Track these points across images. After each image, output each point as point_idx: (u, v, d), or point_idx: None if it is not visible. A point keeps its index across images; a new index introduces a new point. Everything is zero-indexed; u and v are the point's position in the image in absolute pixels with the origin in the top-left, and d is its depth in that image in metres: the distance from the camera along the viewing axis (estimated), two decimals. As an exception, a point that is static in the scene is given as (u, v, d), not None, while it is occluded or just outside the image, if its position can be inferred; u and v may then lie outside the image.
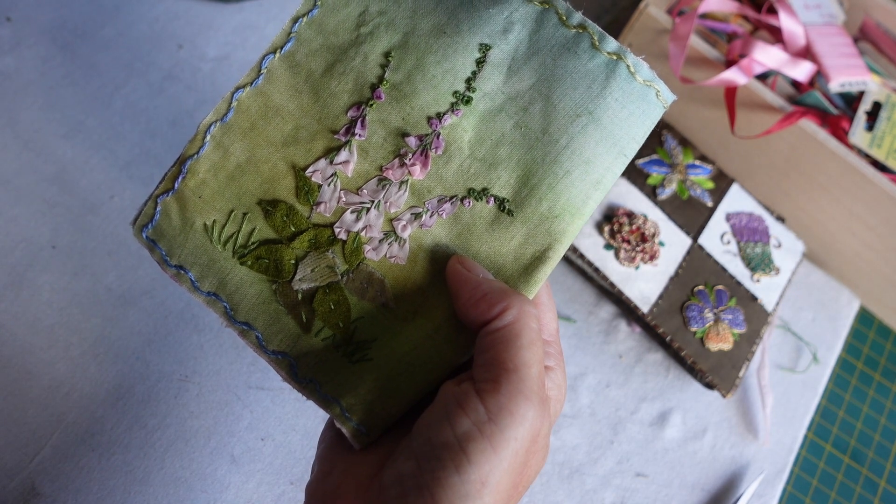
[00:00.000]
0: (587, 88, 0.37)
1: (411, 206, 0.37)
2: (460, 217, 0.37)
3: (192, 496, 0.51)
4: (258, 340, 0.37)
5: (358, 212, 0.38)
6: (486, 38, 0.38)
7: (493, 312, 0.34)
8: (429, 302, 0.37)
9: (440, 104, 0.37)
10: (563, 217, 0.37)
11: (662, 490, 0.58)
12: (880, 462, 0.63)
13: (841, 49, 0.65)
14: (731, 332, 0.60)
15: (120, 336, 0.54)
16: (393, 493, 0.31)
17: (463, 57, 0.38)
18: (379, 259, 0.37)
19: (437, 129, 0.37)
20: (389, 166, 0.37)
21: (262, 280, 0.37)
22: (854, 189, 0.61)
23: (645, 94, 0.37)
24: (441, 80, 0.37)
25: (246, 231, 0.38)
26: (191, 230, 0.38)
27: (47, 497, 0.49)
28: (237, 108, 0.38)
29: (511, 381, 0.32)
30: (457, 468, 0.30)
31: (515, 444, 0.31)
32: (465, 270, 0.36)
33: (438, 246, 0.37)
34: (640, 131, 0.37)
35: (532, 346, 0.33)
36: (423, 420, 0.33)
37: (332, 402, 0.36)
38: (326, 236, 0.37)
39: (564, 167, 0.36)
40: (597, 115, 0.36)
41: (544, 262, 0.37)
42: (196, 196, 0.38)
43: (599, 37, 0.37)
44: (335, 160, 0.38)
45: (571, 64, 0.37)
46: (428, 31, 0.38)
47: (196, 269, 0.38)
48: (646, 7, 0.63)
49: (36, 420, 0.51)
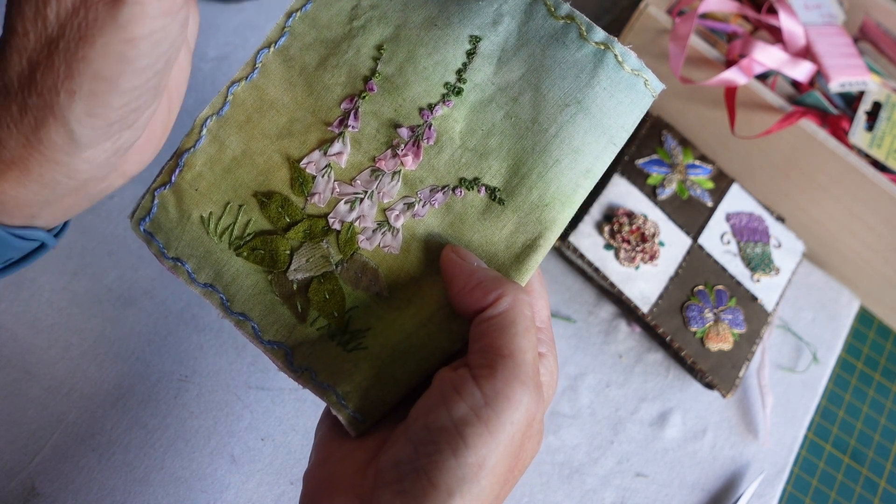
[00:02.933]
0: (575, 78, 0.37)
1: (404, 196, 0.38)
2: (452, 206, 0.38)
3: (192, 496, 0.51)
4: (254, 331, 0.38)
5: (352, 202, 0.38)
6: (476, 29, 0.38)
7: (488, 300, 0.34)
8: (422, 291, 0.37)
9: (431, 95, 0.38)
10: (553, 205, 0.37)
11: (662, 490, 0.58)
12: (880, 462, 0.63)
13: (841, 49, 0.65)
14: (731, 332, 0.60)
15: (120, 336, 0.54)
16: (389, 477, 0.31)
17: (454, 49, 0.38)
18: (373, 249, 0.38)
19: (429, 120, 0.38)
20: (382, 157, 0.38)
21: (258, 271, 0.38)
22: (854, 189, 0.61)
23: (633, 83, 0.37)
24: (432, 72, 0.38)
25: (242, 222, 0.38)
26: (187, 222, 0.38)
27: (47, 497, 0.49)
28: (233, 102, 0.39)
29: (507, 366, 0.32)
30: (454, 452, 0.31)
31: (511, 428, 0.31)
32: (459, 259, 0.36)
33: (431, 235, 0.38)
34: (629, 120, 0.38)
35: (527, 332, 0.33)
36: (420, 405, 0.33)
37: (328, 390, 0.36)
38: (321, 227, 0.38)
39: (554, 156, 0.37)
40: (585, 105, 0.37)
41: (535, 249, 0.37)
42: (193, 189, 0.38)
43: (587, 27, 0.37)
44: (329, 151, 0.38)
45: (560, 54, 0.37)
46: (419, 24, 0.38)
47: (193, 260, 0.38)
48: (646, 7, 0.63)
49: (36, 420, 0.51)
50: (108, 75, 0.30)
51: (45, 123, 0.30)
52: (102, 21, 0.29)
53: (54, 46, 0.29)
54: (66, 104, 0.30)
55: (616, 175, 0.63)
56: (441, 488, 0.30)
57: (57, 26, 0.29)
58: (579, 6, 0.76)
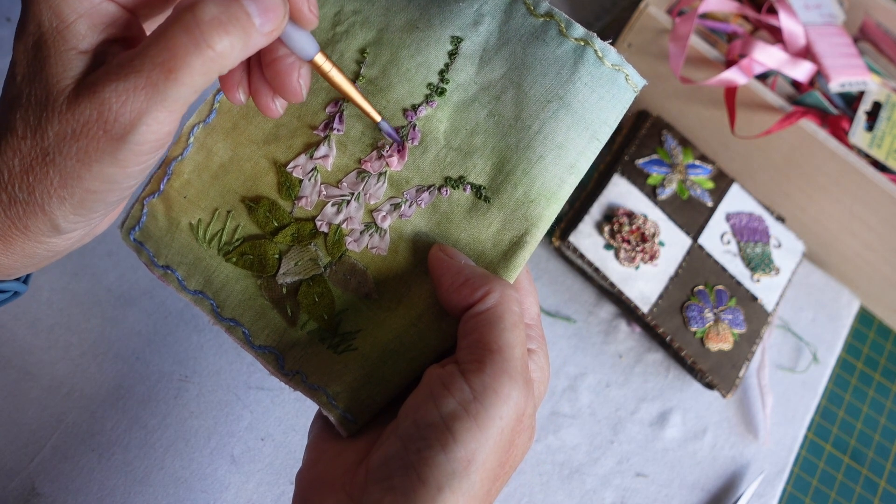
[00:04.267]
0: (556, 74, 0.37)
1: (390, 197, 0.38)
2: (439, 206, 0.38)
3: (192, 496, 0.51)
4: (245, 336, 0.38)
5: (338, 204, 0.38)
6: (457, 30, 0.38)
7: (476, 296, 0.34)
8: (411, 291, 0.37)
9: (415, 96, 0.38)
10: (538, 202, 0.37)
11: (662, 490, 0.58)
12: (880, 462, 0.63)
13: (841, 49, 0.65)
14: (731, 332, 0.60)
15: (120, 336, 0.54)
16: (379, 474, 0.31)
17: (435, 50, 0.38)
18: (361, 250, 0.38)
19: (413, 121, 0.38)
20: (368, 159, 0.38)
21: (248, 276, 0.38)
22: (854, 189, 0.61)
23: (614, 78, 0.37)
24: (415, 73, 0.38)
25: (230, 228, 0.38)
26: (177, 230, 0.39)
27: (47, 497, 0.49)
28: (219, 110, 0.39)
29: (495, 361, 0.32)
30: (443, 447, 0.31)
31: (501, 423, 0.32)
32: (446, 257, 0.36)
33: (418, 235, 0.38)
34: (612, 115, 0.38)
35: (515, 328, 0.33)
36: (409, 403, 0.33)
37: (319, 391, 0.37)
38: (308, 230, 0.38)
39: (538, 152, 0.37)
40: (567, 100, 0.37)
41: (522, 246, 0.37)
42: (181, 196, 0.39)
43: (566, 23, 0.38)
44: (315, 155, 0.38)
45: (540, 51, 0.38)
46: (401, 27, 0.39)
47: (183, 268, 0.38)
48: (646, 7, 0.63)
49: (36, 420, 0.51)
50: (99, 191, 0.31)
51: (32, 215, 0.32)
52: (101, 153, 0.30)
53: (50, 158, 0.30)
54: (56, 206, 0.31)
55: (616, 175, 0.63)
56: (430, 484, 0.30)
57: (55, 143, 0.30)
58: (580, 6, 0.76)
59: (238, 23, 0.29)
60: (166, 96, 0.29)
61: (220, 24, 0.29)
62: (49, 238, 0.33)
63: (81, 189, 0.31)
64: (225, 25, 0.29)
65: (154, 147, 0.31)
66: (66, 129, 0.30)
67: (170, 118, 0.30)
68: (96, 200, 0.32)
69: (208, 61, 0.29)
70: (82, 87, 0.30)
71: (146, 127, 0.29)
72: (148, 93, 0.29)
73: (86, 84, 0.30)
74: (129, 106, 0.29)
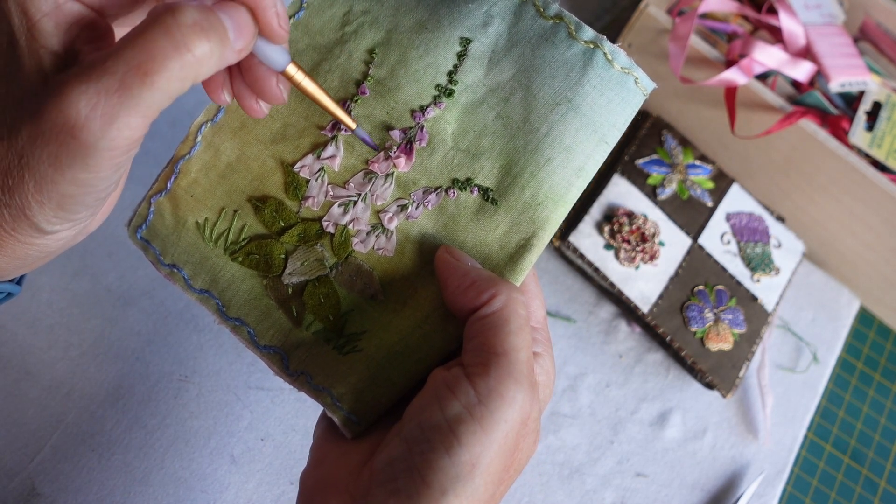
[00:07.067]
0: (565, 77, 0.37)
1: (397, 199, 0.38)
2: (446, 208, 0.38)
3: (192, 496, 0.51)
4: (250, 336, 0.38)
5: (345, 205, 0.38)
6: (466, 31, 0.38)
7: (482, 299, 0.34)
8: (417, 292, 0.37)
9: (423, 97, 0.38)
10: (546, 204, 0.37)
11: (662, 490, 0.58)
12: (880, 462, 0.63)
13: (841, 49, 0.65)
14: (731, 332, 0.60)
15: (120, 336, 0.54)
16: (383, 476, 0.31)
17: (444, 51, 0.38)
18: (367, 251, 0.38)
19: (421, 122, 0.38)
20: (375, 160, 0.38)
21: (254, 276, 0.38)
22: (854, 189, 0.61)
23: (623, 81, 0.37)
24: (423, 74, 0.38)
25: (237, 227, 0.38)
26: (183, 229, 0.38)
27: (47, 497, 0.49)
28: (227, 109, 0.39)
29: (500, 364, 0.32)
30: (447, 450, 0.31)
31: (505, 427, 0.31)
32: (453, 260, 0.36)
33: (425, 237, 0.38)
34: (621, 118, 0.38)
35: (520, 331, 0.33)
36: (414, 405, 0.33)
37: (323, 392, 0.37)
38: (315, 230, 0.38)
39: (546, 155, 0.37)
40: (576, 103, 0.37)
41: (529, 249, 0.37)
42: (188, 195, 0.38)
43: (576, 26, 0.37)
44: (322, 155, 0.38)
45: (549, 54, 0.37)
46: (410, 28, 0.39)
47: (189, 267, 0.38)
48: (646, 7, 0.63)
49: (36, 420, 0.51)
50: (75, 194, 0.31)
51: (16, 217, 0.31)
52: (72, 159, 0.29)
53: (25, 161, 0.30)
54: (36, 210, 0.31)
55: (616, 175, 0.63)
56: (434, 487, 0.30)
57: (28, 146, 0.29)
58: (580, 6, 0.76)
59: (217, 32, 0.29)
60: (140, 101, 0.28)
61: (201, 30, 0.28)
62: (36, 239, 0.33)
63: (58, 193, 0.30)
64: (206, 31, 0.28)
65: (127, 150, 0.30)
66: (35, 131, 0.29)
67: (142, 123, 0.29)
68: (75, 203, 0.31)
69: (186, 66, 0.28)
70: (51, 88, 0.29)
71: (117, 132, 0.28)
72: (121, 96, 0.28)
73: (54, 84, 0.29)
74: (99, 110, 0.28)
